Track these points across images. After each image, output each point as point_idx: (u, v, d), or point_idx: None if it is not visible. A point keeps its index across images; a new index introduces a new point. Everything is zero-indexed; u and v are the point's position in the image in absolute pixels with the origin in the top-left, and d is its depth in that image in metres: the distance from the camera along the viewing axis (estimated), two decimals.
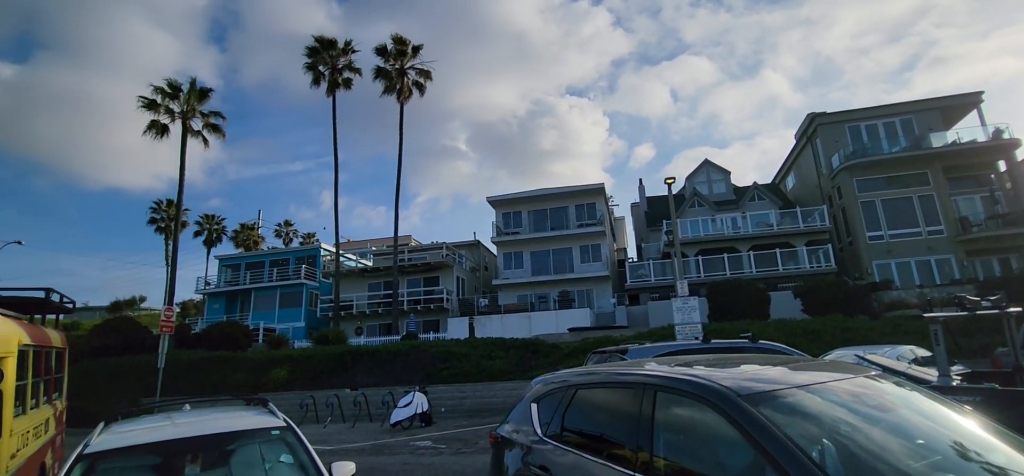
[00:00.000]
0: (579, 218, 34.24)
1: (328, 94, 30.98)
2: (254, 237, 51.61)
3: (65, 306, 7.55)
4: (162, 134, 30.21)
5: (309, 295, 34.49)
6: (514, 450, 4.21)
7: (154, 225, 45.07)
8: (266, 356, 20.19)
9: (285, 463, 3.65)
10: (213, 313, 35.39)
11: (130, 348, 21.68)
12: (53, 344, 6.82)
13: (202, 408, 4.82)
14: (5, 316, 5.24)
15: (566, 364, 17.36)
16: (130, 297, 50.08)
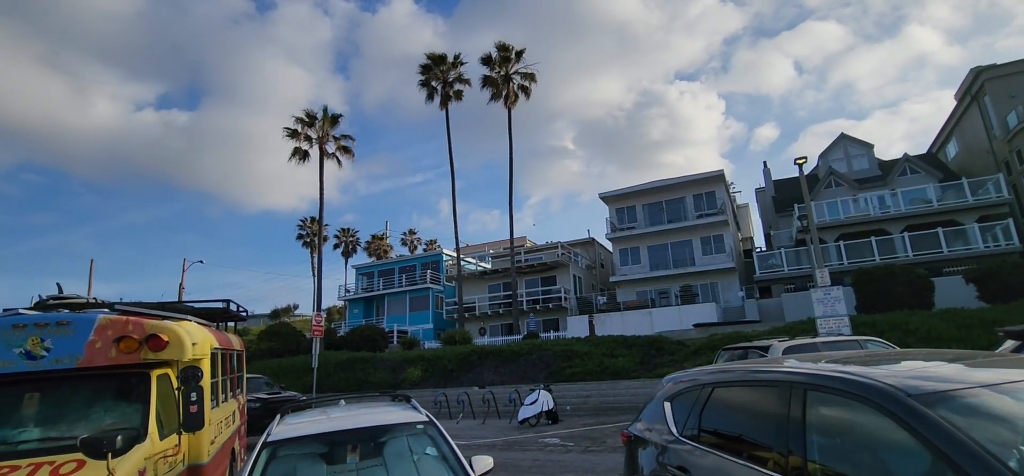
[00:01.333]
0: (698, 208, 32.55)
1: (441, 107, 32.66)
2: (384, 246, 55.96)
3: (240, 315, 8.79)
4: (303, 159, 33.95)
5: (435, 298, 36.61)
6: (648, 449, 4.15)
7: (301, 240, 50.67)
8: (401, 356, 21.80)
9: (430, 455, 3.93)
10: (353, 317, 39.00)
11: (289, 350, 24.68)
12: (234, 347, 7.99)
13: (354, 403, 5.36)
14: (199, 324, 6.25)
15: (693, 362, 16.60)
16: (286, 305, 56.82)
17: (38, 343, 4.78)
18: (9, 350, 4.68)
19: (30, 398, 4.65)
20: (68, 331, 4.86)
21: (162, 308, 6.90)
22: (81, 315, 5.04)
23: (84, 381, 4.91)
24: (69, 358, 4.79)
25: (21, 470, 3.82)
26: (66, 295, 5.98)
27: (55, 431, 4.45)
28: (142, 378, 5.00)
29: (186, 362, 5.20)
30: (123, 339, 4.95)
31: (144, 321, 5.18)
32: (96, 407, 4.75)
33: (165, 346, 5.08)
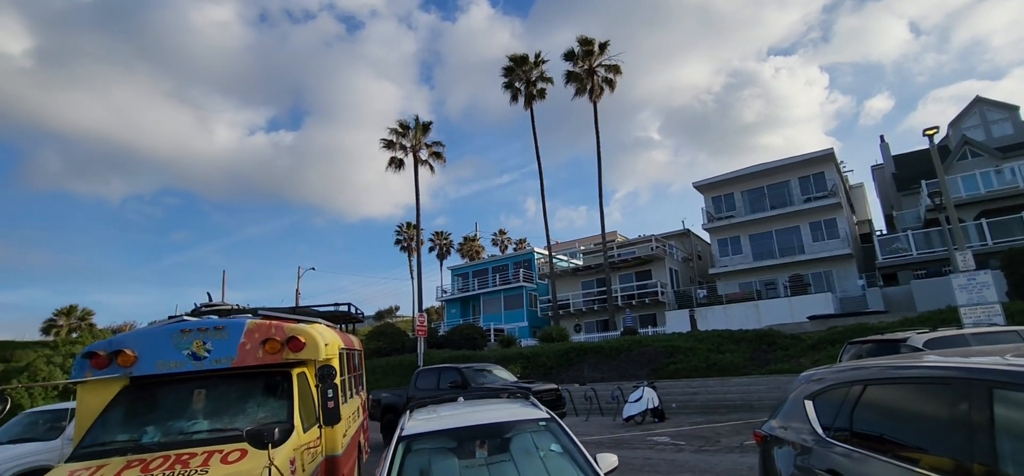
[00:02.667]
0: (805, 192, 30.14)
1: (526, 107, 32.89)
2: (475, 247, 57.44)
3: (358, 317, 9.42)
4: (399, 167, 35.69)
5: (528, 296, 36.98)
6: (785, 449, 3.90)
7: (399, 245, 53.37)
8: (501, 354, 22.25)
9: (555, 452, 3.95)
10: (451, 317, 40.41)
11: (395, 349, 26.08)
12: (355, 347, 8.57)
13: (473, 401, 5.54)
14: (328, 326, 6.76)
15: (811, 357, 15.41)
16: (389, 307, 60.08)
17: (201, 346, 5.40)
18: (179, 352, 5.33)
19: (198, 394, 5.26)
20: (224, 335, 5.45)
21: (294, 312, 7.55)
22: (233, 320, 5.63)
23: (238, 379, 5.48)
24: (226, 359, 5.37)
25: (197, 457, 4.33)
26: (215, 303, 6.71)
27: (219, 423, 5.01)
28: (285, 376, 5.49)
29: (321, 362, 5.65)
30: (268, 341, 5.47)
31: (284, 325, 5.69)
32: (250, 402, 5.28)
33: (303, 347, 5.55)
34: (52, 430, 8.35)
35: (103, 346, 5.34)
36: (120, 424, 5.01)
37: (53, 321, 40.97)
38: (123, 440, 4.74)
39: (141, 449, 4.58)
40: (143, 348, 5.29)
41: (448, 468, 3.75)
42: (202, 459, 4.29)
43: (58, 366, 24.36)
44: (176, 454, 4.40)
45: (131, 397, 5.25)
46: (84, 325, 40.37)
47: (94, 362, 5.24)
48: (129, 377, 5.29)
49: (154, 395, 5.31)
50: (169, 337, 5.37)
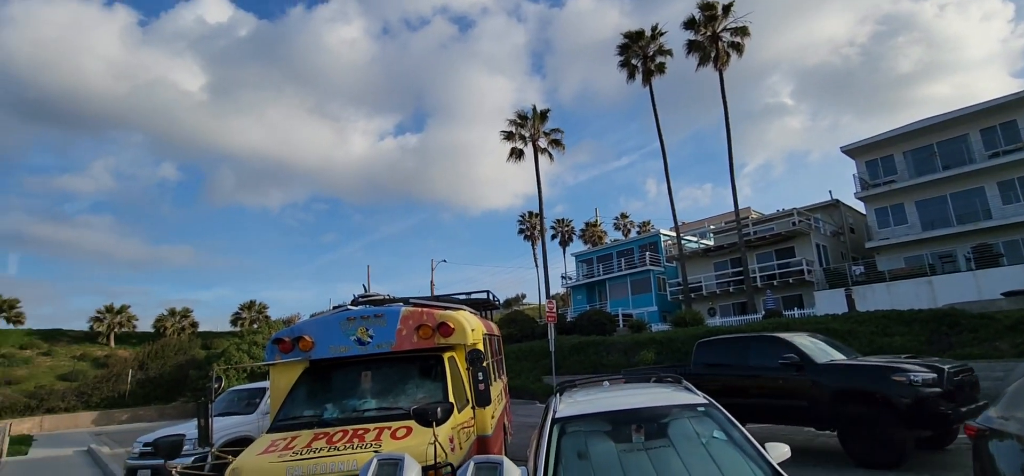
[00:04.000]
0: (989, 146, 25.44)
1: (644, 84, 31.56)
2: (597, 233, 56.77)
3: (495, 304, 9.75)
4: (519, 157, 36.34)
5: (656, 280, 35.75)
6: (1008, 443, 3.30)
7: (522, 234, 54.50)
8: (631, 339, 21.78)
9: (718, 439, 3.72)
10: (577, 303, 40.46)
11: (525, 335, 26.73)
12: (495, 333, 8.89)
13: (619, 385, 5.43)
14: (471, 313, 7.07)
15: (1010, 339, 13.06)
16: (515, 295, 61.75)
17: (364, 332, 5.92)
18: (347, 338, 5.89)
19: (365, 375, 5.79)
20: (382, 322, 5.92)
21: (439, 300, 7.98)
22: (389, 308, 6.09)
23: (397, 362, 5.93)
24: (386, 344, 5.84)
25: (371, 432, 4.76)
26: (370, 294, 7.30)
27: (385, 402, 5.46)
28: (438, 360, 5.83)
29: (469, 346, 5.91)
30: (421, 327, 5.84)
31: (434, 311, 6.04)
32: (409, 384, 5.69)
33: (452, 333, 5.85)
34: (249, 405, 9.79)
35: (287, 333, 6.08)
36: (305, 401, 5.67)
37: (239, 314, 48.11)
38: (309, 415, 5.36)
39: (324, 424, 5.15)
40: (318, 335, 5.94)
41: (605, 452, 3.69)
42: (375, 434, 4.70)
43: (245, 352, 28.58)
44: (353, 429, 4.87)
45: (311, 378, 5.93)
46: (261, 317, 46.88)
47: (281, 347, 5.98)
48: (309, 360, 5.98)
49: (329, 376, 5.94)
50: (338, 325, 5.96)
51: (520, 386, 20.16)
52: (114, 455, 14.73)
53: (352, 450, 4.43)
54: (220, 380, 5.40)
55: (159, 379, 33.02)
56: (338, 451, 4.44)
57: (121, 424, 28.47)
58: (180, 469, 5.18)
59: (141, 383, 32.81)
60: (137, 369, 33.73)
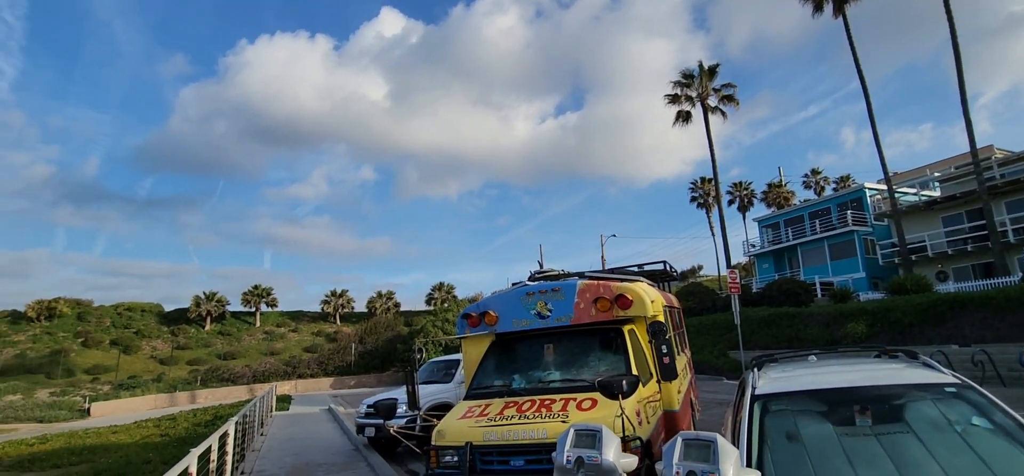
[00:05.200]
0: None
1: (836, 15, 26.94)
2: (783, 194, 50.78)
3: (672, 274, 9.29)
4: (686, 120, 34.10)
5: (862, 242, 30.78)
6: None
7: (694, 202, 51.23)
8: (834, 310, 19.14)
9: (980, 426, 3.01)
10: (763, 273, 36.85)
11: (705, 308, 25.22)
12: (675, 305, 8.48)
13: (830, 358, 4.74)
14: (650, 285, 6.81)
15: None
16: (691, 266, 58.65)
17: (544, 306, 6.08)
18: (528, 312, 6.11)
19: (548, 348, 5.96)
20: (560, 296, 6.01)
21: (614, 273, 7.86)
22: (566, 282, 6.16)
23: (577, 335, 5.99)
24: (565, 317, 5.92)
25: (557, 402, 4.89)
26: (545, 269, 7.45)
27: (568, 374, 5.56)
28: (618, 333, 5.73)
29: (650, 318, 5.71)
30: (598, 300, 5.80)
31: (611, 284, 5.94)
32: (591, 356, 5.70)
33: (630, 305, 5.70)
34: (446, 375, 10.86)
35: (474, 309, 6.53)
36: (494, 371, 6.05)
37: (431, 295, 53.91)
38: (499, 385, 5.71)
39: (512, 393, 5.43)
40: (502, 309, 6.26)
41: (821, 435, 3.23)
42: (561, 405, 4.81)
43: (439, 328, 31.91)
44: (540, 399, 5.05)
45: (498, 350, 6.30)
46: (450, 297, 51.84)
47: (469, 322, 6.45)
48: (495, 334, 6.35)
49: (514, 348, 6.25)
50: (518, 299, 6.21)
51: (703, 361, 19.10)
52: (347, 414, 17.62)
53: (541, 419, 4.60)
54: (421, 352, 6.06)
55: (374, 351, 38.61)
56: (528, 419, 4.64)
57: (350, 388, 33.97)
58: (396, 429, 5.94)
59: (361, 354, 38.71)
60: (358, 343, 39.85)
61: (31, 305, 47.98)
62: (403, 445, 10.15)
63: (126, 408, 27.98)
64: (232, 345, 46.18)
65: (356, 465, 9.05)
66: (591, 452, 3.24)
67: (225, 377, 35.64)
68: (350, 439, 12.08)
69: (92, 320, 48.68)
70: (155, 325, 49.84)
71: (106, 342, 44.45)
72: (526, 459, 4.48)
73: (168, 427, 17.36)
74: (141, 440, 15.08)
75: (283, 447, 11.53)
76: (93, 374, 37.95)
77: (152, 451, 12.81)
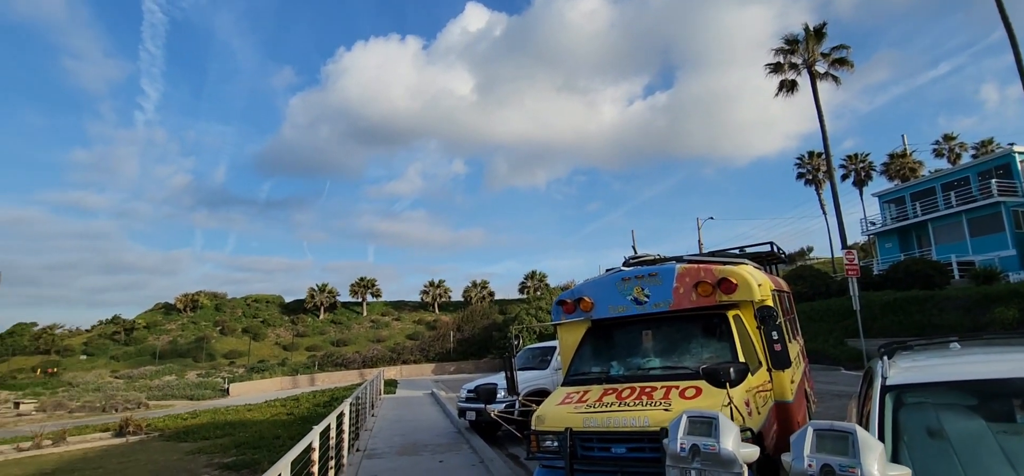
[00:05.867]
0: None
1: None
2: (907, 164, 45.38)
3: (780, 256, 8.67)
4: (790, 90, 31.49)
5: (1011, 214, 26.76)
6: None
7: (801, 179, 47.31)
8: (977, 292, 16.85)
9: None
10: (885, 252, 33.27)
11: (818, 293, 23.29)
12: (784, 289, 7.92)
13: (976, 346, 4.18)
14: (756, 268, 6.40)
15: None
16: (800, 248, 54.38)
17: (640, 291, 5.92)
18: (624, 298, 5.99)
19: (646, 334, 5.81)
20: (657, 281, 5.81)
21: (714, 256, 7.49)
22: (663, 266, 5.95)
23: (677, 321, 5.77)
24: (663, 303, 5.72)
25: (658, 390, 4.76)
26: (640, 254, 7.25)
27: (669, 361, 5.39)
28: (721, 319, 5.45)
29: (757, 303, 5.37)
30: (699, 284, 5.54)
31: (713, 267, 5.65)
32: (693, 343, 5.48)
33: (735, 288, 5.39)
34: (543, 362, 10.98)
35: (569, 296, 6.51)
36: (591, 358, 6.01)
37: (524, 283, 54.65)
38: (597, 371, 5.66)
39: (611, 380, 5.36)
40: (597, 295, 6.19)
41: (972, 432, 2.85)
42: (663, 393, 4.67)
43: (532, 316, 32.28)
44: (639, 387, 4.94)
45: (594, 336, 6.24)
46: (542, 285, 52.23)
47: (565, 308, 6.45)
48: (591, 320, 6.30)
49: (611, 335, 6.16)
50: (613, 285, 6.10)
51: (817, 350, 17.67)
52: (448, 398, 18.42)
53: (641, 407, 4.50)
54: (519, 339, 6.15)
55: (471, 339, 39.94)
56: (628, 407, 4.57)
57: (450, 374, 35.45)
58: (496, 412, 6.11)
59: (460, 342, 40.21)
60: (456, 330, 41.44)
61: (179, 298, 55.09)
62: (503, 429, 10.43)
63: (257, 389, 31.24)
64: (343, 333, 49.90)
65: (459, 447, 9.44)
66: (707, 440, 3.10)
67: (338, 362, 38.63)
68: (452, 422, 12.61)
69: (227, 310, 54.81)
70: (278, 315, 55.10)
71: (239, 330, 49.87)
72: (627, 447, 4.42)
73: (292, 407, 19.15)
74: (271, 417, 16.78)
75: (392, 428, 12.29)
76: (230, 358, 42.78)
77: (280, 428, 14.22)
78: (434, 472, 7.58)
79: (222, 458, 10.74)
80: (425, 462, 8.28)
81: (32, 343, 43.96)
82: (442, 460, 8.34)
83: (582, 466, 4.58)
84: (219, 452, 11.46)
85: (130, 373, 36.36)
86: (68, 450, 12.70)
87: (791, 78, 31.38)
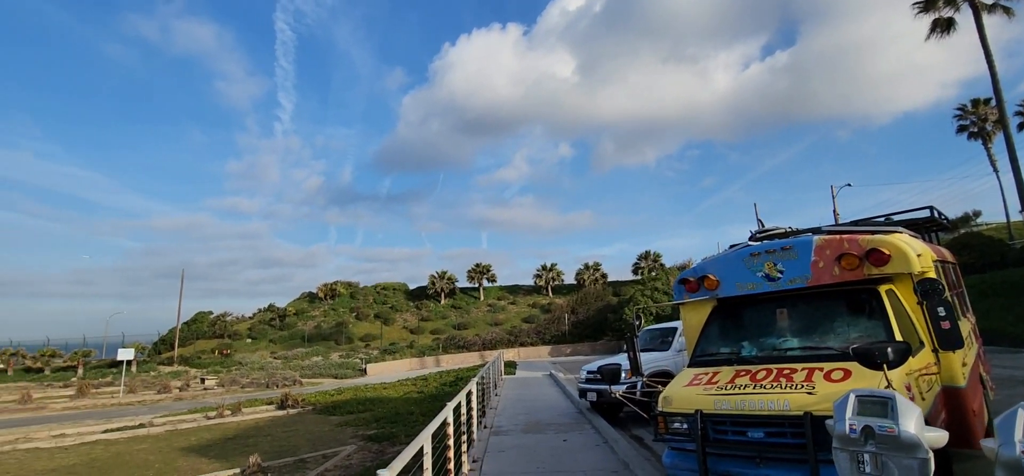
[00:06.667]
0: None
1: None
2: None
3: (941, 223, 7.57)
4: (946, 29, 27.08)
5: None
6: None
7: (964, 132, 40.59)
8: None
9: None
10: None
11: (988, 264, 19.97)
12: (949, 259, 6.93)
13: None
14: (912, 236, 5.66)
15: None
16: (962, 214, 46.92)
17: (772, 267, 5.52)
18: (754, 275, 5.62)
19: (780, 313, 5.42)
20: (792, 255, 5.37)
21: (858, 224, 6.75)
22: (799, 239, 5.48)
23: (816, 298, 5.30)
24: (800, 278, 5.28)
25: (798, 372, 4.42)
26: (769, 228, 6.73)
27: (809, 341, 4.98)
28: (871, 294, 4.92)
29: (917, 275, 4.77)
30: (843, 257, 5.03)
31: (859, 237, 5.10)
32: (837, 321, 5.01)
33: (887, 260, 4.83)
34: (663, 343, 10.70)
35: (691, 274, 6.25)
36: (718, 338, 5.74)
37: (637, 264, 53.32)
38: (726, 352, 5.40)
39: (742, 361, 5.08)
40: (722, 273, 5.88)
41: None
42: (804, 375, 4.34)
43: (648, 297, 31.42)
44: (776, 368, 4.63)
45: (721, 316, 5.95)
46: (657, 265, 50.56)
47: (687, 287, 6.21)
48: (716, 299, 6.01)
49: (739, 314, 5.83)
50: (741, 261, 5.75)
51: (992, 329, 15.22)
52: (567, 379, 18.63)
53: (780, 390, 4.23)
54: (640, 319, 6.03)
55: (586, 321, 39.91)
56: (765, 389, 4.32)
57: (566, 356, 35.77)
58: (620, 393, 6.07)
59: (574, 324, 40.38)
60: (570, 313, 41.64)
61: (320, 287, 61.48)
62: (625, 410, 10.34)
63: (389, 369, 33.97)
64: (463, 317, 52.37)
65: (582, 426, 9.53)
66: (882, 422, 2.84)
67: (460, 344, 40.67)
68: (572, 402, 12.75)
69: (360, 298, 60.05)
70: (403, 301, 59.23)
71: (371, 315, 54.43)
72: (766, 431, 4.18)
73: (422, 385, 20.58)
74: (403, 395, 18.18)
75: (514, 407, 12.73)
76: (365, 341, 46.89)
77: (412, 404, 15.37)
78: (558, 450, 7.74)
79: (365, 430, 11.87)
80: (549, 440, 8.49)
81: (210, 328, 51.73)
82: (566, 439, 8.49)
83: (714, 449, 4.43)
84: (362, 425, 12.67)
85: (285, 354, 41.36)
86: (243, 419, 14.81)
87: (946, 15, 26.93)
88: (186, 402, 21.49)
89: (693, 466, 4.55)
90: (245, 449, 10.21)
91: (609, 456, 7.15)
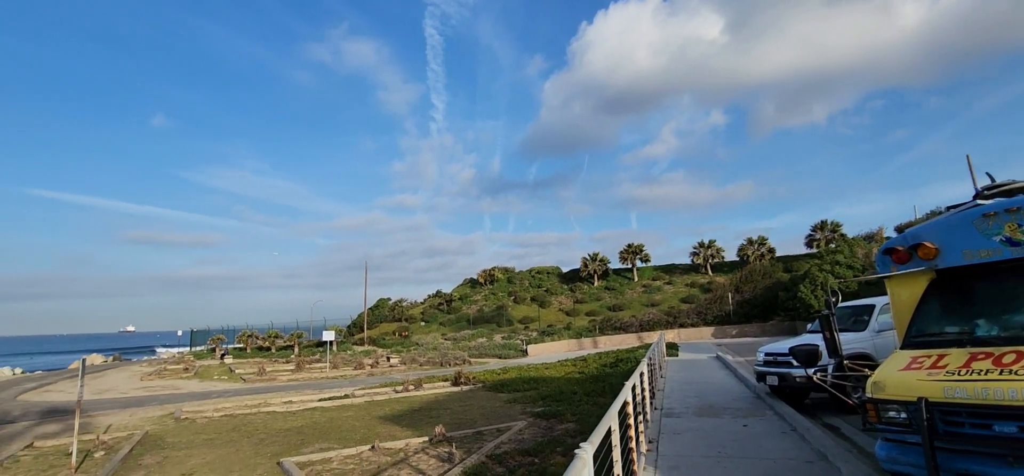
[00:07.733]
0: None
1: None
2: None
3: None
4: None
5: None
6: None
7: None
8: None
9: None
10: None
11: None
12: None
13: None
14: None
15: None
16: None
17: (1015, 229, 4.57)
18: (989, 239, 4.70)
19: None
20: None
21: None
22: None
23: None
24: None
25: None
26: (1004, 182, 5.56)
27: None
28: None
29: None
30: None
31: None
32: None
33: None
34: (857, 322, 9.45)
35: (900, 241, 5.44)
36: (941, 316, 4.93)
37: (812, 236, 47.62)
38: (953, 332, 4.62)
39: (978, 342, 4.31)
40: (943, 239, 5.02)
41: None
42: None
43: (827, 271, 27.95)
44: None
45: (943, 289, 5.09)
46: (836, 236, 44.59)
47: (895, 257, 5.41)
48: (935, 270, 5.15)
49: (969, 287, 4.94)
50: (969, 224, 4.86)
51: None
52: (737, 362, 17.46)
53: None
54: (837, 295, 5.40)
55: (753, 300, 36.88)
56: (1015, 375, 3.61)
57: (731, 338, 33.49)
58: (818, 376, 5.53)
59: (739, 304, 37.57)
60: (734, 292, 38.82)
61: (479, 273, 65.56)
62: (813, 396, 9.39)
63: (548, 350, 35.00)
64: (617, 298, 51.79)
65: (762, 412, 8.87)
66: None
67: (617, 326, 40.33)
68: (747, 386, 11.92)
69: (516, 283, 62.68)
70: (557, 284, 60.43)
71: (527, 299, 56.53)
72: (1019, 425, 3.50)
73: (582, 367, 20.86)
74: (565, 375, 18.62)
75: (683, 389, 12.30)
76: (523, 323, 48.89)
77: (574, 384, 15.68)
78: (739, 435, 7.31)
79: (532, 407, 12.42)
80: (727, 425, 8.05)
81: (389, 312, 58.26)
82: (746, 424, 7.98)
83: (945, 443, 3.83)
84: (529, 402, 13.27)
85: (454, 335, 44.91)
86: (424, 393, 16.47)
87: None
88: (377, 377, 24.51)
89: (916, 461, 3.99)
90: (429, 420, 11.36)
91: (800, 444, 6.56)
